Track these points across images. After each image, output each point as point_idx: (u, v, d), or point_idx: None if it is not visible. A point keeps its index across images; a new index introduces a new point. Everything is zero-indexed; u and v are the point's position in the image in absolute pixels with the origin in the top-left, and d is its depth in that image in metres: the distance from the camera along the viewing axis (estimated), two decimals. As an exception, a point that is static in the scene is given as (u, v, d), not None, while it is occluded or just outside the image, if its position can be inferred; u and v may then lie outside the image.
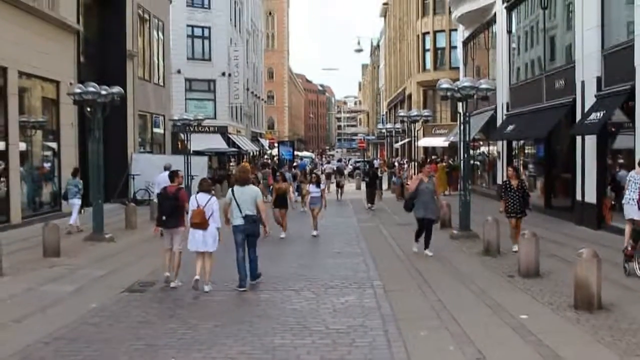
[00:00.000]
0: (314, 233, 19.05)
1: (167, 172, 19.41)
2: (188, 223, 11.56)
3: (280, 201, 19.00)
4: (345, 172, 47.20)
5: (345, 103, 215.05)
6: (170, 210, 11.86)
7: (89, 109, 18.41)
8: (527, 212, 15.44)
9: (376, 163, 50.95)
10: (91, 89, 17.84)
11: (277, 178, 20.77)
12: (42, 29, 21.78)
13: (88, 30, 26.79)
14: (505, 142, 29.02)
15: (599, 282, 9.44)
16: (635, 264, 11.94)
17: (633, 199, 12.53)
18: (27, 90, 21.93)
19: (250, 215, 11.55)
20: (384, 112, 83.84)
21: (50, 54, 22.13)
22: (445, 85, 18.50)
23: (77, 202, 19.55)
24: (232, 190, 11.77)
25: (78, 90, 18.00)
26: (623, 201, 13.11)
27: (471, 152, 25.12)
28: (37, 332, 8.64)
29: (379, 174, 33.38)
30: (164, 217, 11.91)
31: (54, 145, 23.39)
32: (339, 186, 34.71)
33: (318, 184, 20.01)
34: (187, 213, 11.67)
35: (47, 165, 23.52)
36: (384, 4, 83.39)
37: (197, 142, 37.40)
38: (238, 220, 11.57)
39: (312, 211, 19.52)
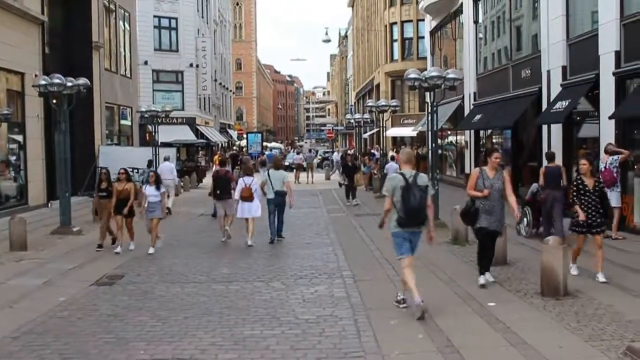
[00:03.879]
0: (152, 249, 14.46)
1: (167, 162, 23.62)
2: (236, 196, 15.70)
3: (121, 207, 14.58)
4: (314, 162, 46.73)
5: (313, 94, 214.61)
6: (223, 186, 16.42)
7: (54, 101, 18.21)
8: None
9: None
10: (57, 80, 17.66)
11: (120, 176, 15.11)
12: (6, 19, 21.41)
13: (53, 21, 26.36)
14: (472, 132, 29.24)
15: (565, 269, 9.59)
16: (522, 224, 15.20)
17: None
18: (-10, 83, 21.58)
19: (280, 191, 15.81)
20: (353, 103, 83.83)
21: (15, 46, 21.77)
22: (413, 76, 18.59)
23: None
24: (268, 173, 16.14)
25: (43, 82, 17.80)
26: None
27: (439, 141, 25.31)
28: (5, 327, 8.56)
29: (357, 166, 31.28)
30: (218, 192, 16.40)
31: (19, 137, 23.01)
32: None
33: (158, 186, 14.98)
34: (234, 189, 16.06)
35: (12, 158, 23.18)
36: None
37: (165, 133, 37.26)
38: (271, 195, 15.80)
39: (151, 222, 14.71)
